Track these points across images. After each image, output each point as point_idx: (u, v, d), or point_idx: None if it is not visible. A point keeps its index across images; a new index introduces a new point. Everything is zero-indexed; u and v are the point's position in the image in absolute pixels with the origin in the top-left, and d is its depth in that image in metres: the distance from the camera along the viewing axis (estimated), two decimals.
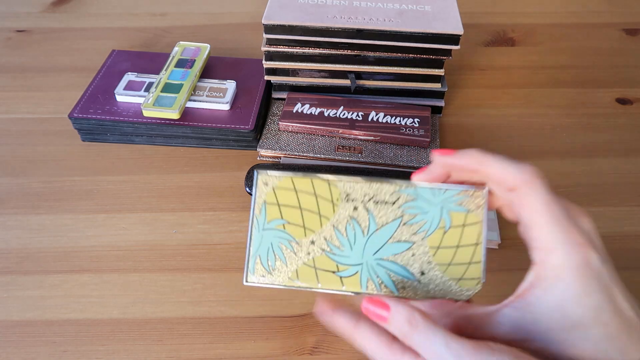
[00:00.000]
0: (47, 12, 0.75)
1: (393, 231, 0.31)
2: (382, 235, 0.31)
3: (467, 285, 0.31)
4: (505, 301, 0.29)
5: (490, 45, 0.71)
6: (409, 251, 0.31)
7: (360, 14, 0.54)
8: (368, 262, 0.31)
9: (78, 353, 0.40)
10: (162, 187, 0.52)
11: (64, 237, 0.47)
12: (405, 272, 0.31)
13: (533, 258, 0.29)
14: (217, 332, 0.41)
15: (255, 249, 0.31)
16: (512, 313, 0.28)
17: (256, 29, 0.59)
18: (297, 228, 0.31)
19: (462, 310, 0.30)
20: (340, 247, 0.31)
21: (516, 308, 0.28)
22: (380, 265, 0.31)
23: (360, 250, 0.31)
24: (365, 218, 0.31)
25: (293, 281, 0.31)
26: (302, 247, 0.31)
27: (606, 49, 0.71)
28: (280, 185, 0.32)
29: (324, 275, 0.31)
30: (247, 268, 0.31)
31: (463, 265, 0.31)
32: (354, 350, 0.40)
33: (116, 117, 0.54)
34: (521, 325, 0.27)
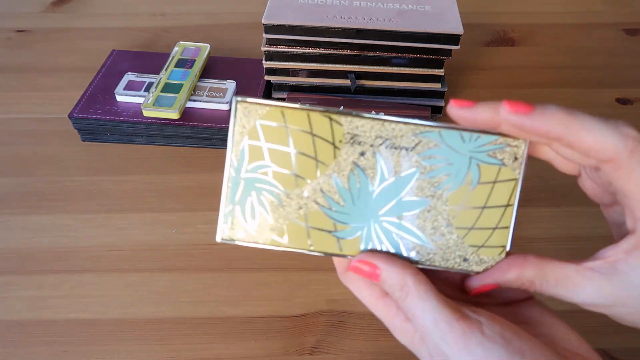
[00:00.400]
0: (47, 12, 0.75)
1: (407, 185, 0.26)
2: (394, 189, 0.26)
3: (488, 254, 0.26)
4: (587, 264, 0.27)
5: (490, 45, 0.71)
6: (424, 211, 0.26)
7: (360, 14, 0.54)
8: (373, 221, 0.26)
9: (78, 353, 0.40)
10: (162, 187, 0.52)
11: (64, 237, 0.47)
12: (417, 237, 0.26)
13: (628, 226, 0.26)
14: (217, 332, 0.41)
15: (231, 198, 0.26)
16: (598, 278, 0.26)
17: (256, 29, 0.59)
18: (286, 176, 0.26)
19: (533, 263, 0.27)
20: (340, 201, 0.26)
21: (604, 274, 0.26)
22: (388, 226, 0.26)
23: (364, 207, 0.26)
24: (374, 167, 0.26)
25: (278, 240, 0.26)
26: (292, 200, 0.26)
27: (606, 49, 0.71)
28: (266, 117, 0.25)
29: (318, 235, 0.26)
30: (221, 221, 0.26)
31: (487, 231, 0.26)
32: (354, 350, 0.41)
33: (116, 117, 0.54)
34: (610, 291, 0.26)
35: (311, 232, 0.26)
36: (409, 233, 0.26)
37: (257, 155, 0.26)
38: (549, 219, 0.49)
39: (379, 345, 0.41)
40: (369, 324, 0.42)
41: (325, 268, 0.45)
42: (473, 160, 0.26)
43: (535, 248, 0.47)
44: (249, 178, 0.26)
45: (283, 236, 0.26)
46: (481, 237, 0.26)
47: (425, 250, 0.26)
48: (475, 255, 0.26)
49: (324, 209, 0.26)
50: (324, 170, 0.26)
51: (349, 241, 0.26)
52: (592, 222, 0.49)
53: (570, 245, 0.47)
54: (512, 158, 0.26)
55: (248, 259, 0.46)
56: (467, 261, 0.26)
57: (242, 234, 0.26)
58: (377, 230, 0.26)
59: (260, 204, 0.26)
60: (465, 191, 0.26)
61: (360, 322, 0.42)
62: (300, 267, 0.45)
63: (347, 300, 0.43)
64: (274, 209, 0.26)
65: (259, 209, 0.26)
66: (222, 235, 0.26)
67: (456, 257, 0.26)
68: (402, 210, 0.26)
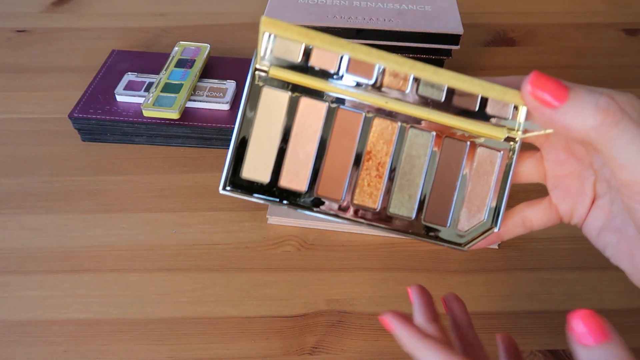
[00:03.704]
0: (47, 12, 0.75)
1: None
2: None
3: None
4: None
5: (490, 45, 0.71)
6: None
7: (360, 14, 0.54)
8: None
9: (78, 353, 0.40)
10: (162, 187, 0.52)
11: (64, 237, 0.47)
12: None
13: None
14: (217, 332, 0.41)
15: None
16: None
17: (256, 29, 0.59)
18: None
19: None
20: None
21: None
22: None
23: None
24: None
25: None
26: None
27: (606, 49, 0.71)
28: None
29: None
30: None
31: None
32: (354, 350, 0.41)
33: (116, 117, 0.54)
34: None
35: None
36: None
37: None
38: None
39: (379, 345, 0.41)
40: (369, 324, 0.42)
41: (325, 268, 0.45)
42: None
43: (535, 248, 0.47)
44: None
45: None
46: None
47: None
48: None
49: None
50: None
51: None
52: None
53: (570, 245, 0.47)
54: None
55: (248, 259, 0.46)
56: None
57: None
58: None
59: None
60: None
61: (360, 322, 0.42)
62: (300, 267, 0.45)
63: (347, 300, 0.43)
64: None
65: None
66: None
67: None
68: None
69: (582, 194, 0.28)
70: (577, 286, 0.45)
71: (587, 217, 0.29)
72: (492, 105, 0.29)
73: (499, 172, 0.30)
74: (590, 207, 0.28)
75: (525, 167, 0.30)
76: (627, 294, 0.44)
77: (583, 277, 0.45)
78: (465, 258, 0.46)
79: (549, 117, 0.24)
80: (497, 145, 0.30)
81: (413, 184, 0.30)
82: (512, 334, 0.41)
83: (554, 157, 0.29)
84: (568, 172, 0.29)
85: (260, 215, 0.49)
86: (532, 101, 0.24)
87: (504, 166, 0.30)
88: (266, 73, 0.28)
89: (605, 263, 0.46)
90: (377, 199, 0.30)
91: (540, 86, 0.24)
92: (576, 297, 0.44)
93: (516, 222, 0.30)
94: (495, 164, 0.30)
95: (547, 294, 0.44)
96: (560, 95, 0.23)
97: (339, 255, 0.46)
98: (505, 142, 0.29)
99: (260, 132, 0.29)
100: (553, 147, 0.29)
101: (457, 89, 0.28)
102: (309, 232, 0.48)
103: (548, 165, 0.29)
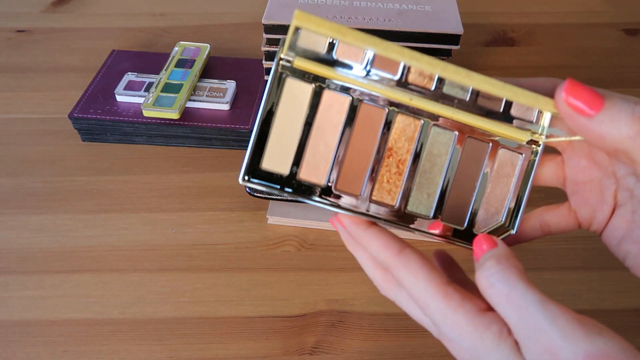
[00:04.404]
0: (47, 12, 0.75)
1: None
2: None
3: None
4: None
5: (490, 45, 0.71)
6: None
7: (360, 14, 0.54)
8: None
9: (78, 353, 0.40)
10: (162, 187, 0.52)
11: (64, 237, 0.47)
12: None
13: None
14: (217, 332, 0.41)
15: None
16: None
17: (256, 29, 0.59)
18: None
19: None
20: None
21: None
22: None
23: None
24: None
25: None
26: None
27: (606, 49, 0.71)
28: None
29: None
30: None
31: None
32: (354, 350, 0.41)
33: (116, 117, 0.54)
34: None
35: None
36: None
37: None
38: None
39: (379, 345, 0.41)
40: (369, 324, 0.42)
41: (325, 268, 0.45)
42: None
43: (535, 248, 0.47)
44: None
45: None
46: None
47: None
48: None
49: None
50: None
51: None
52: None
53: (570, 245, 0.47)
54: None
55: (248, 259, 0.46)
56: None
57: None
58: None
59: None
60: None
61: (360, 322, 0.42)
62: (300, 267, 0.45)
63: (347, 300, 0.43)
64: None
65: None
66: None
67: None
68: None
69: (602, 201, 0.28)
70: (577, 286, 0.45)
71: (606, 226, 0.28)
72: (517, 108, 0.29)
73: (519, 175, 0.29)
74: (610, 216, 0.28)
75: (545, 170, 0.30)
76: (627, 294, 0.44)
77: (583, 277, 0.45)
78: (465, 258, 0.46)
79: (583, 126, 0.24)
80: (520, 148, 0.29)
81: (433, 183, 0.30)
82: None
83: (575, 163, 0.29)
84: (589, 179, 0.28)
85: (260, 215, 0.49)
86: (567, 109, 0.24)
87: (524, 169, 0.29)
88: (291, 63, 0.28)
89: (605, 263, 0.46)
90: (396, 196, 0.30)
91: (575, 94, 0.24)
92: (576, 297, 0.44)
93: (534, 226, 0.30)
94: (516, 166, 0.30)
95: (547, 294, 0.44)
96: (596, 104, 0.23)
97: (339, 255, 0.46)
98: (528, 145, 0.29)
99: (282, 123, 0.28)
100: (575, 153, 0.29)
101: (487, 93, 0.28)
102: (309, 232, 0.48)
103: (568, 170, 0.29)
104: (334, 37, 0.26)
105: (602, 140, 0.24)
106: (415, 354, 0.40)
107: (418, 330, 0.42)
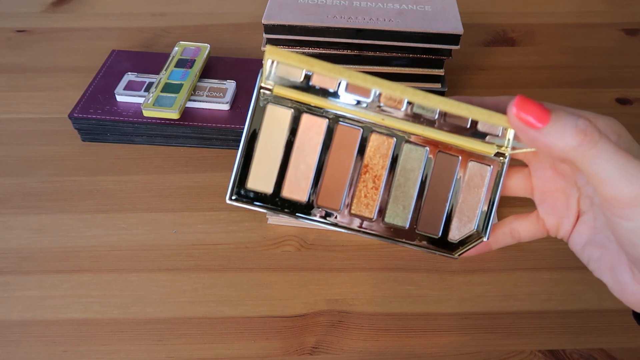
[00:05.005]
0: (47, 12, 0.75)
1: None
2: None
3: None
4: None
5: (490, 45, 0.71)
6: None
7: (360, 14, 0.54)
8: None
9: (78, 353, 0.40)
10: (162, 187, 0.52)
11: (64, 237, 0.47)
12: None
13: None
14: (217, 332, 0.41)
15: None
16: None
17: (256, 29, 0.59)
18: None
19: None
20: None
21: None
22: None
23: None
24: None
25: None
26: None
27: (606, 49, 0.71)
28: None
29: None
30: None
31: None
32: (354, 350, 0.41)
33: (116, 117, 0.54)
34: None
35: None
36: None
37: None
38: None
39: (379, 345, 0.41)
40: (369, 324, 0.42)
41: (325, 268, 0.45)
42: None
43: (534, 248, 0.47)
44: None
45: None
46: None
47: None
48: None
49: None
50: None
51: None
52: None
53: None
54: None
55: (248, 259, 0.46)
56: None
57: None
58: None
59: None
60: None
61: (360, 322, 0.42)
62: (300, 267, 0.45)
63: (347, 300, 0.43)
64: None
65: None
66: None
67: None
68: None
69: (567, 209, 0.30)
70: (577, 286, 0.45)
71: (572, 232, 0.30)
72: (483, 124, 0.31)
73: (488, 185, 0.32)
74: (575, 223, 0.30)
75: (514, 181, 0.32)
76: None
77: (583, 277, 0.45)
78: (465, 258, 0.46)
79: (533, 138, 0.25)
80: (487, 161, 0.31)
81: (407, 196, 0.32)
82: (512, 334, 0.42)
83: (540, 174, 0.31)
84: (554, 189, 0.30)
85: (260, 215, 0.49)
86: (517, 123, 0.25)
87: (493, 180, 0.31)
88: (270, 91, 0.30)
89: None
90: (374, 209, 0.32)
91: (525, 109, 0.25)
92: (576, 297, 0.44)
93: (505, 233, 0.32)
94: (485, 177, 0.32)
95: (547, 294, 0.44)
96: (543, 118, 0.25)
97: (339, 255, 0.46)
98: (495, 158, 0.31)
99: (265, 145, 0.31)
100: (540, 164, 0.31)
101: (446, 111, 0.30)
102: (309, 232, 0.48)
103: (535, 181, 0.31)
104: (302, 67, 0.27)
105: (550, 151, 0.25)
106: (415, 354, 0.40)
107: (418, 330, 0.42)
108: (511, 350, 0.41)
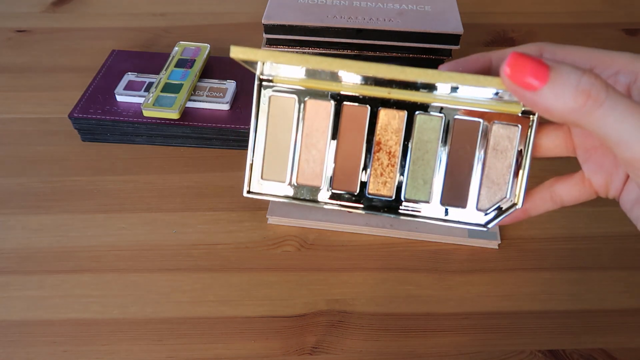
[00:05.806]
0: (47, 12, 0.75)
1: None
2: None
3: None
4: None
5: (490, 45, 0.71)
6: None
7: (360, 14, 0.54)
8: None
9: (78, 353, 0.40)
10: (162, 187, 0.52)
11: (64, 237, 0.47)
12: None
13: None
14: (217, 332, 0.41)
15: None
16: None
17: (256, 29, 0.59)
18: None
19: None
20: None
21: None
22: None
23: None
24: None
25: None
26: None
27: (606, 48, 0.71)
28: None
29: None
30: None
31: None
32: (354, 350, 0.41)
33: (116, 117, 0.54)
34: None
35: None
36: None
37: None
38: (548, 219, 0.49)
39: (379, 345, 0.41)
40: (369, 324, 0.42)
41: (325, 268, 0.45)
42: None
43: (535, 248, 0.47)
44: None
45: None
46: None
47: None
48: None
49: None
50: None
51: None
52: (591, 222, 0.49)
53: (570, 245, 0.47)
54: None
55: (248, 259, 0.46)
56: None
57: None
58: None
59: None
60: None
61: (360, 322, 0.42)
62: (300, 267, 0.45)
63: (347, 300, 0.43)
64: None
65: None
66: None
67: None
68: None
69: (615, 165, 0.27)
70: (577, 286, 0.45)
71: (622, 190, 0.27)
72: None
73: (518, 147, 0.29)
74: (625, 180, 0.27)
75: (551, 140, 0.29)
76: (627, 294, 0.44)
77: (583, 277, 0.45)
78: (465, 258, 0.46)
79: (530, 99, 0.22)
80: (515, 120, 0.29)
81: (428, 168, 0.30)
82: (512, 334, 0.42)
83: (581, 129, 0.27)
84: (599, 143, 0.27)
85: (260, 215, 0.49)
86: (512, 85, 0.22)
87: (523, 141, 0.29)
88: (271, 81, 0.30)
89: (605, 263, 0.46)
90: (392, 187, 0.30)
91: (519, 68, 0.22)
92: (576, 297, 0.44)
93: (544, 198, 0.29)
94: (514, 139, 0.29)
95: (547, 294, 0.44)
96: (541, 76, 0.22)
97: (339, 255, 0.46)
98: (523, 117, 0.29)
99: (274, 136, 0.30)
100: None
101: (427, 82, 0.28)
102: (309, 232, 0.48)
103: (576, 137, 0.28)
104: (270, 61, 0.27)
105: (549, 114, 0.22)
106: (415, 354, 0.40)
107: (418, 330, 0.42)
108: (511, 350, 0.41)
